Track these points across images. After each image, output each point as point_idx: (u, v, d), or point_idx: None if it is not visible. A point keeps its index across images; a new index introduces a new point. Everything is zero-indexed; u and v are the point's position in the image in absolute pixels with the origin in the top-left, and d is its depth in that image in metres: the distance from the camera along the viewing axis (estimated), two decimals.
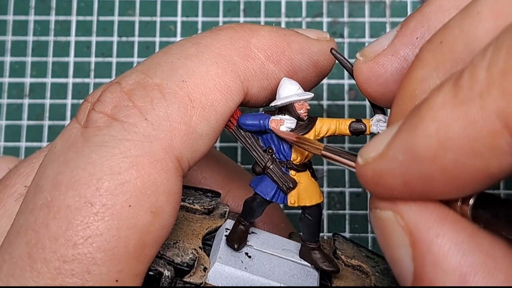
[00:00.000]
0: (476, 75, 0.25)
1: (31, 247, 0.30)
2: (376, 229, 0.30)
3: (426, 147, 0.26)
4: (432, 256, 0.26)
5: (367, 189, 0.29)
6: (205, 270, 0.35)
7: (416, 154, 0.26)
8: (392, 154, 0.27)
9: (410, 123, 0.27)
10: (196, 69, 0.34)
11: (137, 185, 0.31)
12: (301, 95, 0.35)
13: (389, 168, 0.27)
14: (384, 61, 0.35)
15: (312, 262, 0.37)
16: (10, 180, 0.38)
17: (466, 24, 0.28)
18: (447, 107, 0.25)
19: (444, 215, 0.27)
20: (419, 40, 0.34)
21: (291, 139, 0.35)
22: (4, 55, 0.58)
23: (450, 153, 0.25)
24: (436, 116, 0.26)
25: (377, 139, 0.28)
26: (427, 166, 0.26)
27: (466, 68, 0.26)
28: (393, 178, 0.27)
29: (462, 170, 0.25)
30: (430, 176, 0.26)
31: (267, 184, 0.36)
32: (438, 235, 0.27)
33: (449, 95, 0.25)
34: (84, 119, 0.33)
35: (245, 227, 0.37)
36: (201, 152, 0.34)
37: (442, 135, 0.25)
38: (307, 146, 0.34)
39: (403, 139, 0.27)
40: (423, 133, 0.26)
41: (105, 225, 0.30)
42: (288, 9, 0.58)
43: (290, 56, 0.37)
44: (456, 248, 0.26)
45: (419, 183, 0.27)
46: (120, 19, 0.58)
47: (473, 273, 0.26)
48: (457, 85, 0.25)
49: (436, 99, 0.26)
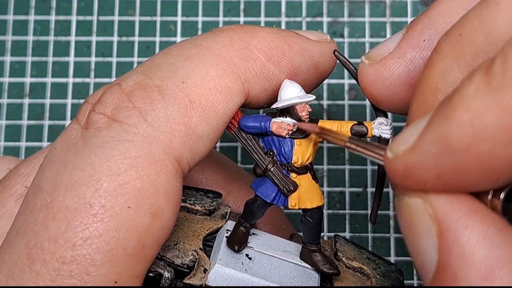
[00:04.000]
0: (509, 62, 0.24)
1: (30, 248, 0.30)
2: (401, 216, 0.29)
3: (460, 137, 0.25)
4: (459, 247, 0.26)
5: (397, 183, 0.29)
6: (205, 271, 0.35)
7: (450, 145, 0.26)
8: (424, 147, 0.27)
9: (442, 114, 0.26)
10: (196, 70, 0.34)
11: (137, 186, 0.31)
12: (302, 98, 0.35)
13: (421, 161, 0.27)
14: (390, 64, 0.34)
15: (313, 264, 0.37)
16: (10, 180, 0.38)
17: (486, 15, 0.28)
18: (480, 96, 0.25)
19: (474, 208, 0.27)
20: (426, 42, 0.34)
21: (314, 130, 0.35)
22: (4, 55, 0.58)
23: (484, 143, 0.25)
24: (469, 105, 0.25)
25: (407, 132, 0.28)
26: (461, 157, 0.26)
27: (497, 56, 0.25)
28: (425, 171, 0.27)
29: (497, 160, 0.25)
30: (464, 167, 0.26)
31: (268, 186, 0.36)
32: (467, 227, 0.26)
33: (482, 83, 0.25)
34: (84, 120, 0.33)
35: (246, 229, 0.37)
36: (201, 153, 0.34)
37: (476, 124, 0.25)
38: (330, 137, 0.34)
39: (435, 130, 0.26)
40: (456, 123, 0.25)
41: (104, 226, 0.30)
42: (288, 9, 0.58)
43: (290, 57, 0.36)
44: (484, 241, 0.26)
45: (453, 175, 0.26)
46: (120, 19, 0.58)
47: (499, 267, 0.25)
48: (489, 73, 0.25)
49: (468, 88, 0.26)
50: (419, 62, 0.34)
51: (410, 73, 0.34)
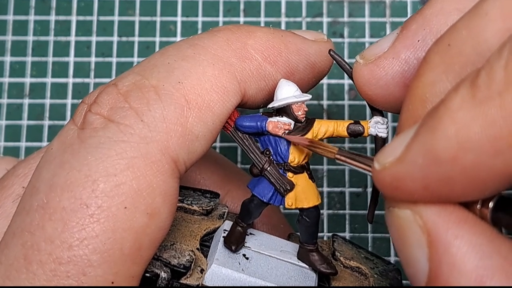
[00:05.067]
0: (494, 74, 0.25)
1: (27, 249, 0.30)
2: (392, 228, 0.29)
3: (446, 149, 0.25)
4: (450, 257, 0.26)
5: (385, 194, 0.29)
6: (202, 271, 0.35)
7: (436, 157, 0.26)
8: (411, 158, 0.27)
9: (428, 126, 0.26)
10: (193, 70, 0.34)
11: (133, 186, 0.31)
12: (298, 97, 0.35)
13: (408, 172, 0.27)
14: (385, 63, 0.34)
15: (310, 264, 0.37)
16: (8, 181, 0.38)
17: (474, 25, 0.28)
18: (466, 108, 0.25)
19: (464, 217, 0.27)
20: (421, 42, 0.34)
21: (303, 143, 0.35)
22: (4, 55, 0.58)
23: (470, 154, 0.25)
24: (455, 117, 0.25)
25: (394, 143, 0.28)
26: (447, 168, 0.26)
27: (482, 68, 0.25)
28: (412, 182, 0.27)
29: (483, 171, 0.25)
30: (451, 178, 0.26)
31: (264, 186, 0.36)
32: (457, 237, 0.26)
33: (467, 95, 0.25)
34: (81, 121, 0.33)
35: (243, 229, 0.37)
36: (197, 154, 0.34)
37: (462, 136, 0.25)
38: (320, 150, 0.34)
39: (421, 142, 0.26)
40: (443, 135, 0.26)
41: (101, 227, 0.30)
42: (288, 9, 0.58)
43: (287, 57, 0.36)
44: (474, 250, 0.26)
45: (440, 185, 0.26)
46: (120, 19, 0.58)
47: (490, 276, 0.26)
48: (474, 85, 0.25)
49: (453, 100, 0.26)
50: (413, 62, 0.34)
51: (404, 73, 0.34)
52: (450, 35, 0.29)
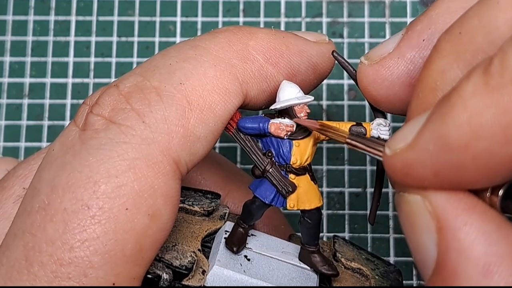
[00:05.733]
0: (507, 61, 0.25)
1: (28, 250, 0.30)
2: (401, 213, 0.29)
3: (458, 136, 0.26)
4: (458, 243, 0.26)
5: (395, 180, 0.29)
6: (204, 273, 0.35)
7: (447, 144, 0.26)
8: (422, 144, 0.27)
9: (440, 113, 0.26)
10: (194, 71, 0.34)
11: (134, 188, 0.31)
12: (301, 99, 0.35)
13: (419, 158, 0.27)
14: (390, 63, 0.34)
15: (312, 266, 0.37)
16: (8, 182, 0.38)
17: (485, 14, 0.28)
18: (478, 95, 0.25)
19: (473, 204, 0.27)
20: (426, 42, 0.34)
21: (314, 127, 0.35)
22: (4, 55, 0.58)
23: (482, 142, 0.25)
24: (467, 104, 0.25)
25: (405, 129, 0.28)
26: (458, 155, 0.26)
27: (495, 55, 0.25)
28: (423, 168, 0.27)
29: (494, 158, 0.25)
30: (462, 166, 0.26)
31: (266, 188, 0.36)
32: (466, 223, 0.26)
33: (480, 83, 0.25)
34: (82, 122, 0.33)
35: (245, 230, 0.37)
36: (199, 155, 0.34)
37: (474, 123, 0.25)
38: (331, 133, 0.34)
39: (433, 128, 0.27)
40: (454, 122, 0.26)
41: (102, 228, 0.30)
42: (288, 9, 0.58)
43: (288, 58, 0.36)
44: (483, 237, 0.26)
45: (450, 172, 0.27)
46: (119, 19, 0.58)
47: (497, 263, 0.26)
48: (487, 72, 0.25)
49: (466, 88, 0.26)
50: (418, 61, 0.34)
51: (409, 72, 0.34)
52: (461, 24, 0.29)
